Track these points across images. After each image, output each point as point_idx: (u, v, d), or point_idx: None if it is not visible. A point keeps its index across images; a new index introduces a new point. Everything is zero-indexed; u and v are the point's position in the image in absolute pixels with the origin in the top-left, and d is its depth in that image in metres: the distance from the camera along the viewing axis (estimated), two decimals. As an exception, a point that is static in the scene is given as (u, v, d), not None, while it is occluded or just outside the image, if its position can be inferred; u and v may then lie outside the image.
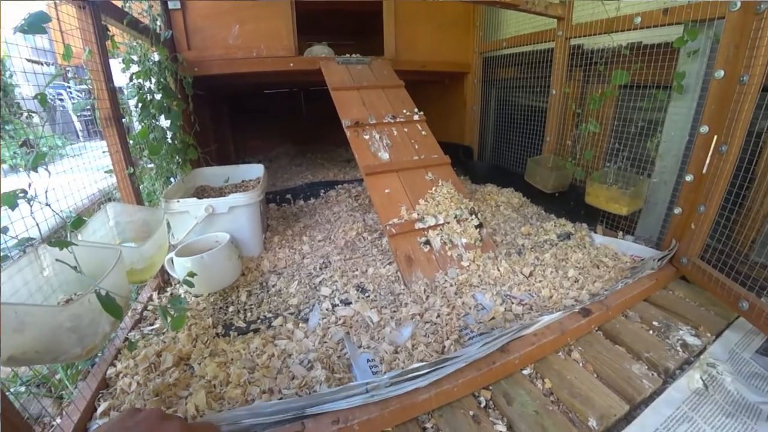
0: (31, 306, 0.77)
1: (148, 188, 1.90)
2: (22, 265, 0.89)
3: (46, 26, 0.88)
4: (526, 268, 1.63)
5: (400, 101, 2.15)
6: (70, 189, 1.31)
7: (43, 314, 0.74)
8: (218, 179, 2.16)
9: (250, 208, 1.67)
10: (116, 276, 0.90)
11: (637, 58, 1.79)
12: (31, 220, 0.92)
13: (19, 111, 1.41)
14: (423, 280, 1.51)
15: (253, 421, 0.88)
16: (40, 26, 0.83)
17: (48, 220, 0.98)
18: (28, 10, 0.87)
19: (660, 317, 1.43)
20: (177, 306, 0.86)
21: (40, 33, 0.84)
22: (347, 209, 2.33)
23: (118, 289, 0.88)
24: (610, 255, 1.79)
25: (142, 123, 1.78)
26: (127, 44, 1.85)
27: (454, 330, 1.26)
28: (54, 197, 1.02)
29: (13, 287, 0.86)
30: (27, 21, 0.81)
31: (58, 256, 0.84)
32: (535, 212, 2.35)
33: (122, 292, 0.93)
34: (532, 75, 2.44)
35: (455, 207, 1.74)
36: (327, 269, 1.67)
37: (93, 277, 0.92)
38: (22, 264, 0.89)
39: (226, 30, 2.30)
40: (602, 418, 1.02)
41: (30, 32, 0.82)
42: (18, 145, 0.92)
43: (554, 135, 2.29)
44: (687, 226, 1.61)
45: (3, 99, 2.34)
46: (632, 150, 1.88)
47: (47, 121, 1.17)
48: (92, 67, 1.41)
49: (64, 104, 5.79)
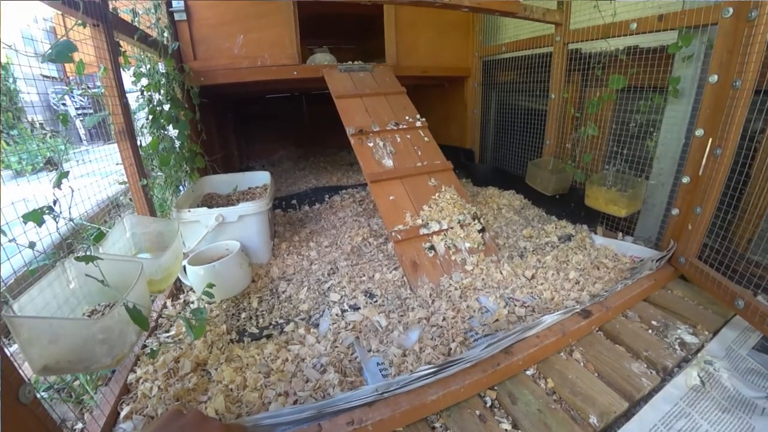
0: (65, 320, 0.82)
1: (159, 198, 1.95)
2: (51, 279, 0.94)
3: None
4: (528, 271, 1.68)
5: (402, 108, 2.20)
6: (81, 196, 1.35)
7: (77, 327, 0.79)
8: (226, 187, 2.21)
9: (259, 217, 1.72)
10: (140, 288, 0.95)
11: (633, 62, 1.83)
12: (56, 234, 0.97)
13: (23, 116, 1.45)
14: (428, 285, 1.56)
15: (273, 421, 0.94)
16: (67, 55, 0.87)
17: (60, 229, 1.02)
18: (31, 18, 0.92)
19: (659, 317, 1.48)
20: (198, 316, 0.91)
21: (67, 62, 0.89)
22: (352, 214, 2.37)
23: (141, 300, 0.93)
24: (610, 256, 1.84)
25: (152, 134, 1.83)
26: (137, 57, 1.91)
27: (459, 333, 1.31)
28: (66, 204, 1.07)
29: (44, 300, 0.91)
30: (55, 50, 0.86)
31: (86, 271, 0.89)
32: (536, 214, 2.39)
33: (145, 303, 0.98)
34: (531, 78, 2.49)
35: (458, 212, 1.78)
36: (335, 275, 1.72)
37: (117, 288, 0.97)
38: (51, 278, 0.94)
39: (231, 40, 2.35)
40: (602, 415, 1.06)
41: (58, 61, 0.87)
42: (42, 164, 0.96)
43: (554, 138, 2.33)
44: (684, 227, 1.65)
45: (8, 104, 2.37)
46: (630, 152, 1.93)
47: (48, 123, 1.22)
48: (106, 84, 1.47)
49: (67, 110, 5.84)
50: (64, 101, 5.95)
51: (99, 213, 2.78)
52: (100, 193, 1.57)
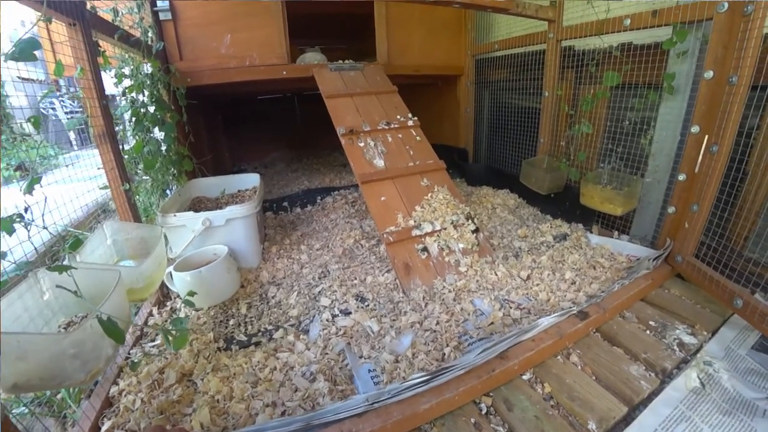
0: (33, 335, 0.77)
1: (145, 202, 1.90)
2: (22, 291, 0.89)
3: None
4: (523, 272, 1.65)
5: (393, 107, 2.16)
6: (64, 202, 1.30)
7: (46, 342, 0.75)
8: (214, 190, 2.16)
9: (248, 220, 1.67)
10: (117, 298, 0.91)
11: (627, 58, 1.80)
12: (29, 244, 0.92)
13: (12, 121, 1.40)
14: (421, 288, 1.52)
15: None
16: (31, 53, 0.83)
17: (41, 234, 0.98)
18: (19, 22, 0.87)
19: (656, 317, 1.45)
20: (179, 326, 0.86)
21: (30, 60, 0.84)
22: (344, 216, 2.33)
23: (119, 311, 0.88)
24: (606, 255, 1.81)
25: (136, 137, 1.78)
26: (119, 57, 1.85)
27: (453, 337, 1.27)
28: (49, 209, 1.02)
29: (14, 314, 0.86)
30: (18, 48, 0.81)
31: (58, 281, 0.84)
32: (531, 213, 2.36)
33: (123, 314, 0.93)
34: (524, 76, 2.46)
35: (451, 212, 1.75)
36: (326, 279, 1.68)
37: (93, 299, 0.92)
38: (22, 290, 0.89)
39: (218, 39, 2.30)
40: (602, 421, 1.03)
41: (21, 59, 0.82)
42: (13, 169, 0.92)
43: (548, 136, 2.30)
44: (681, 225, 1.63)
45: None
46: (625, 150, 1.90)
47: (39, 131, 1.17)
48: (84, 85, 1.41)
49: (56, 113, 5.75)
50: (53, 105, 5.88)
51: (86, 219, 2.72)
52: (83, 198, 1.53)
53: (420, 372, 1.08)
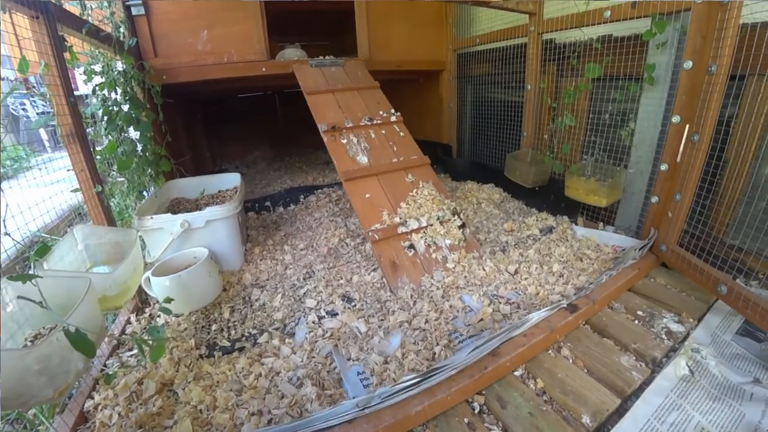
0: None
1: (120, 205, 1.82)
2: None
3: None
4: (511, 266, 1.64)
5: (376, 102, 2.12)
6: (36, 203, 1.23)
7: (8, 358, 0.69)
8: (193, 191, 2.09)
9: (229, 221, 1.62)
10: (87, 308, 0.85)
11: (608, 50, 1.80)
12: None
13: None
14: (409, 285, 1.49)
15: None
16: None
17: (8, 249, 0.92)
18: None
19: (644, 306, 1.46)
20: (155, 335, 0.81)
21: None
22: (328, 215, 2.29)
23: (89, 321, 0.83)
24: (592, 247, 1.81)
25: (109, 136, 1.70)
26: (89, 54, 1.77)
27: (443, 335, 1.25)
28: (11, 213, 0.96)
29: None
30: None
31: (21, 292, 0.78)
32: (516, 207, 2.36)
33: (95, 325, 0.88)
34: (506, 70, 2.45)
35: (437, 208, 1.72)
36: (311, 279, 1.63)
37: (62, 308, 0.86)
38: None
39: (194, 35, 2.22)
40: (595, 414, 1.02)
41: None
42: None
43: (531, 130, 2.30)
44: (664, 214, 1.64)
45: None
46: (608, 141, 1.91)
47: (8, 132, 1.10)
48: (50, 81, 1.34)
49: (27, 114, 5.54)
50: (24, 106, 5.65)
51: (60, 223, 2.61)
52: (55, 200, 1.45)
53: (411, 373, 1.05)
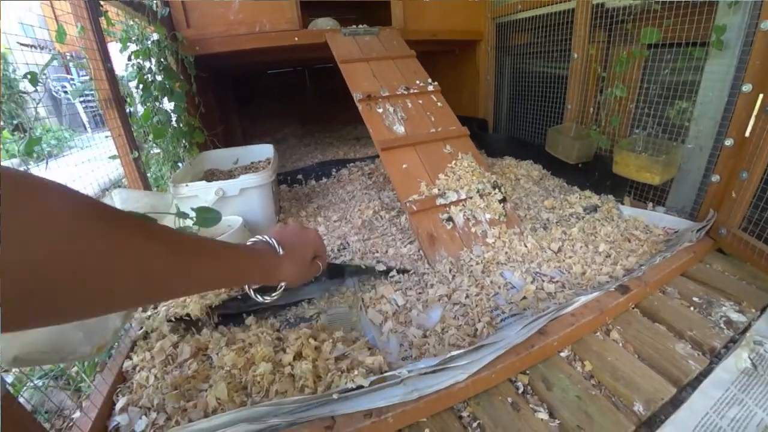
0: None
1: (156, 174, 1.82)
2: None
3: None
4: (554, 244, 1.55)
5: (412, 72, 2.04)
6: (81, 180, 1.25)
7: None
8: (227, 162, 2.08)
9: (262, 190, 1.59)
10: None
11: (668, 12, 1.65)
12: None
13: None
14: (447, 259, 1.43)
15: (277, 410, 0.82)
16: None
17: None
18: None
19: (700, 293, 1.35)
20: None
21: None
22: (361, 187, 2.24)
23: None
24: (641, 228, 1.70)
25: (144, 105, 1.70)
26: (124, 23, 1.76)
27: (485, 311, 1.19)
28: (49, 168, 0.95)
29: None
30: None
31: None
32: (557, 185, 2.24)
33: None
34: (549, 39, 2.30)
35: (477, 181, 1.64)
36: (345, 251, 1.60)
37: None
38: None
39: (225, 5, 2.18)
40: (648, 402, 0.95)
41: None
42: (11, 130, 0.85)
43: (576, 102, 2.16)
44: (726, 195, 1.50)
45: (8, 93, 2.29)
46: (663, 114, 1.77)
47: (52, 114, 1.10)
48: (87, 46, 1.32)
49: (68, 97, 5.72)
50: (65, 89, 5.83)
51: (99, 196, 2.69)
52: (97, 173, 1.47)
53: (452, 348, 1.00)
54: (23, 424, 0.72)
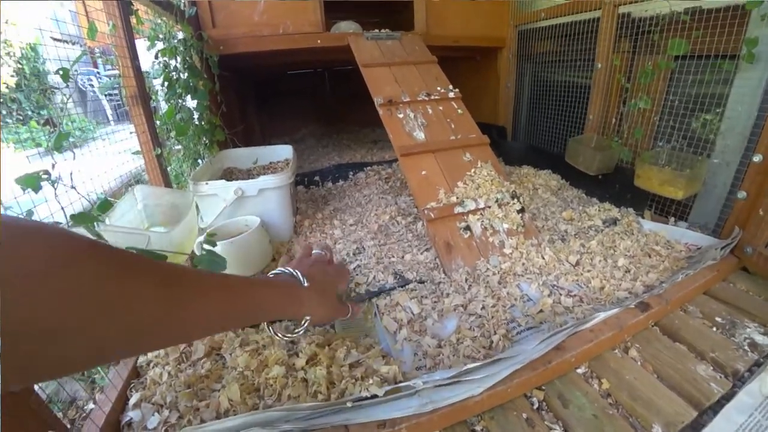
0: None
1: (176, 170, 1.85)
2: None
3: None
4: (572, 256, 1.52)
5: (433, 78, 2.03)
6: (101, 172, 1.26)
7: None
8: (246, 161, 2.10)
9: (281, 191, 1.60)
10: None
11: (697, 24, 1.61)
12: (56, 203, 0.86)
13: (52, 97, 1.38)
14: (464, 268, 1.42)
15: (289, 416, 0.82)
16: None
17: (74, 204, 0.93)
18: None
19: (723, 312, 1.31)
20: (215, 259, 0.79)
21: None
22: (378, 192, 2.23)
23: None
24: (662, 243, 1.66)
25: (168, 103, 1.73)
26: (152, 21, 1.79)
27: (501, 323, 1.17)
28: (84, 179, 0.97)
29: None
30: None
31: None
32: (575, 196, 2.21)
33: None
34: (572, 48, 2.27)
35: (496, 190, 1.63)
36: (361, 255, 1.59)
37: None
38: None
39: (251, 6, 2.21)
40: (668, 426, 0.92)
41: None
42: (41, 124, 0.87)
43: (598, 113, 2.13)
44: (754, 213, 1.46)
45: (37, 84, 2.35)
46: (688, 127, 1.73)
47: (77, 104, 1.12)
48: (117, 43, 1.35)
49: (94, 90, 5.88)
50: (91, 82, 5.99)
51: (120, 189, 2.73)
52: (119, 168, 1.50)
53: (467, 360, 0.99)
54: (39, 413, 0.73)
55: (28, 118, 5.69)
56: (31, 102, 5.85)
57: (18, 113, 5.74)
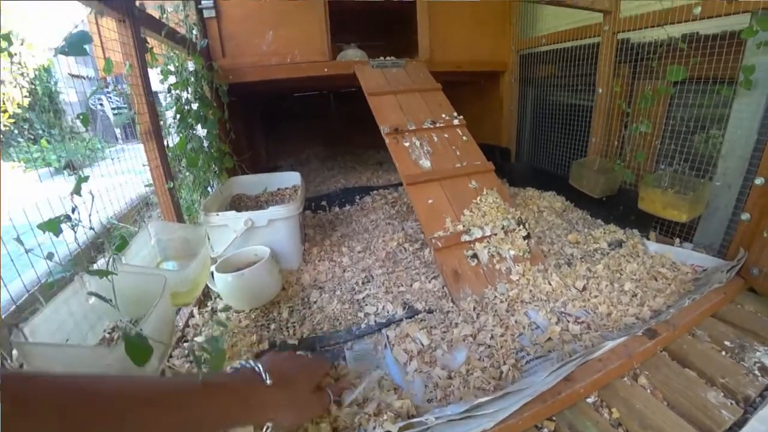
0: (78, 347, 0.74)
1: (187, 200, 1.89)
2: (68, 296, 0.87)
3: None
4: (578, 282, 1.54)
5: (438, 105, 2.08)
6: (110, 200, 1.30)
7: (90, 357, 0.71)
8: (254, 188, 2.14)
9: (290, 221, 1.63)
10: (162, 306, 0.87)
11: (695, 51, 1.65)
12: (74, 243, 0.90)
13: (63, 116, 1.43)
14: (472, 297, 1.43)
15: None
16: (82, 47, 0.79)
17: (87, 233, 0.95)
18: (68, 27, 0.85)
19: (731, 335, 1.31)
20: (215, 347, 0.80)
21: (80, 54, 0.81)
22: (385, 217, 2.26)
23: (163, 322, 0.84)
24: (667, 265, 1.67)
25: (180, 134, 1.78)
26: (165, 55, 1.85)
27: (510, 353, 1.18)
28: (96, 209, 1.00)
29: (59, 319, 0.83)
30: (68, 42, 0.78)
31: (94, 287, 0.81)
32: (580, 217, 2.23)
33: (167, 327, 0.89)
34: (573, 72, 2.32)
35: (502, 217, 1.65)
36: (370, 284, 1.61)
37: (136, 303, 0.89)
38: (67, 294, 0.87)
39: (260, 36, 2.28)
40: (680, 455, 0.93)
41: (71, 53, 0.79)
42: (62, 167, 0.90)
43: (600, 135, 2.16)
44: (758, 234, 1.48)
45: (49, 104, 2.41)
46: (689, 150, 1.75)
47: (87, 129, 1.16)
48: (132, 81, 1.40)
49: (104, 109, 6.03)
50: (101, 101, 6.14)
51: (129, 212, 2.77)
52: (127, 191, 1.55)
53: (477, 392, 1.00)
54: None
55: (39, 137, 5.82)
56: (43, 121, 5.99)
57: (29, 132, 5.87)
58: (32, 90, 5.89)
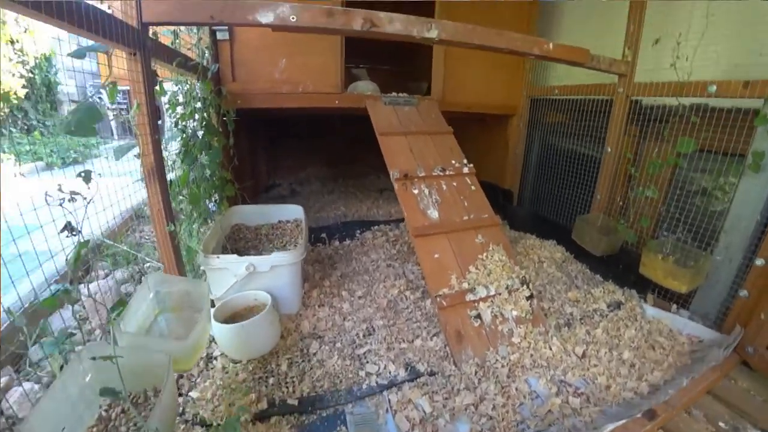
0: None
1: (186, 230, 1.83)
2: (65, 379, 0.83)
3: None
4: (578, 347, 1.54)
5: (448, 150, 2.08)
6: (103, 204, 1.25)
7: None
8: (254, 218, 2.10)
9: (293, 267, 1.60)
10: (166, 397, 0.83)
11: (706, 124, 1.67)
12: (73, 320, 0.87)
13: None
14: (474, 360, 1.43)
15: None
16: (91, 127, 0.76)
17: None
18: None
19: (726, 416, 1.32)
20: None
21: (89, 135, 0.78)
22: (385, 257, 2.24)
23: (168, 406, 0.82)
24: (665, 332, 1.69)
25: (184, 168, 1.73)
26: (174, 80, 1.81)
27: (511, 425, 1.18)
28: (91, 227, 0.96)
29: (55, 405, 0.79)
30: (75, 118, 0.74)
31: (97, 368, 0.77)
32: (579, 270, 2.24)
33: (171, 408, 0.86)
34: (583, 124, 2.34)
35: (507, 276, 1.65)
36: (371, 337, 1.59)
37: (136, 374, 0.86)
38: (65, 377, 0.83)
39: (273, 64, 2.26)
40: None
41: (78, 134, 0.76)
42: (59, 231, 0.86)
43: (605, 193, 2.18)
44: (755, 314, 1.50)
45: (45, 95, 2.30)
46: (693, 220, 1.77)
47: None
48: (140, 121, 1.36)
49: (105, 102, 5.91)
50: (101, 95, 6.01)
51: (121, 225, 2.69)
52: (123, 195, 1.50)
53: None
54: None
55: (33, 128, 5.69)
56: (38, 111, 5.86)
57: (23, 122, 5.74)
58: (30, 79, 5.77)
